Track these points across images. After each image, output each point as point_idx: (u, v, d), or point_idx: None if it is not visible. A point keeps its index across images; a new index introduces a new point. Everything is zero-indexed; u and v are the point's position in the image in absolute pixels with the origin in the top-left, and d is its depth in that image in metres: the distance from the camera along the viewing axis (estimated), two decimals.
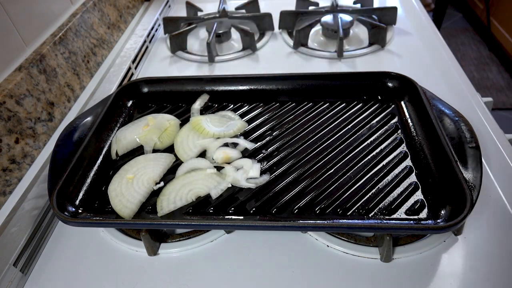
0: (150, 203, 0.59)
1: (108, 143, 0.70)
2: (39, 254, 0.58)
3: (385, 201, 0.56)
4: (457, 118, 0.61)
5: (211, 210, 0.57)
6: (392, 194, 0.56)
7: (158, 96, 0.80)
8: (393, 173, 0.60)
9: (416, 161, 0.61)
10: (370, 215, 0.54)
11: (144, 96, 0.80)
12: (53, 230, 0.62)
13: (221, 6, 1.10)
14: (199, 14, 1.15)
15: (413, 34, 0.98)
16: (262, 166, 0.63)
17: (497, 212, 0.56)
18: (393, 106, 0.72)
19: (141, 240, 0.55)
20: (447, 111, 0.63)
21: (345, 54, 0.91)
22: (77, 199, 0.60)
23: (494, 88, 2.27)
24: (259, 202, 0.58)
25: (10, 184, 0.61)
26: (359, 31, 1.00)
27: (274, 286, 0.51)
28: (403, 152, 0.63)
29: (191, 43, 1.04)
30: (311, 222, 0.54)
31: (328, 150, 0.65)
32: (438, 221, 0.52)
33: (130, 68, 0.92)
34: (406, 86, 0.71)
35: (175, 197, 0.58)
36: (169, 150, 0.68)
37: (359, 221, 0.54)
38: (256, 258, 0.55)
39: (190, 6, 1.13)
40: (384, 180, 0.59)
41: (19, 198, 0.60)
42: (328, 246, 0.55)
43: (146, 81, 0.80)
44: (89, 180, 0.63)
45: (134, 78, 0.93)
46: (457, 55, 2.48)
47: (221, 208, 0.57)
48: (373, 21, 0.95)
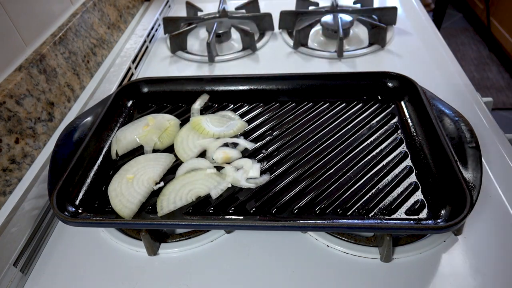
0: (150, 203, 0.59)
1: (108, 143, 0.70)
2: (39, 254, 0.58)
3: (385, 201, 0.56)
4: (457, 118, 0.61)
5: (211, 210, 0.57)
6: (392, 194, 0.57)
7: (158, 96, 0.80)
8: (393, 173, 0.60)
9: (416, 161, 0.61)
10: (370, 215, 0.54)
11: (144, 96, 0.80)
12: (53, 230, 0.62)
13: (221, 6, 1.10)
14: (199, 14, 1.15)
15: (413, 34, 0.98)
16: (262, 166, 0.63)
17: (497, 212, 0.56)
18: (393, 106, 0.72)
19: (141, 240, 0.55)
20: (447, 111, 0.63)
21: (345, 54, 0.91)
22: (77, 199, 0.60)
23: (494, 88, 2.27)
24: (259, 202, 0.58)
25: (10, 184, 0.61)
26: (359, 31, 1.00)
27: (274, 286, 0.51)
28: (403, 152, 0.63)
29: (191, 43, 1.04)
30: (311, 222, 0.54)
31: (328, 150, 0.65)
32: (438, 221, 0.52)
33: (130, 68, 0.92)
34: (406, 86, 0.71)
35: (175, 197, 0.58)
36: (169, 150, 0.68)
37: (359, 221, 0.54)
38: (256, 258, 0.55)
39: (190, 6, 1.13)
40: (384, 180, 0.59)
41: (19, 198, 0.60)
42: (328, 246, 0.55)
43: (146, 81, 0.80)
44: (89, 180, 0.63)
45: (134, 78, 0.93)
46: (457, 55, 2.48)
47: (221, 208, 0.57)
48: (373, 21, 0.95)
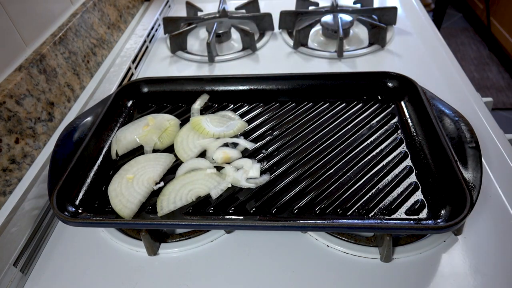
0: (150, 203, 0.59)
1: (108, 143, 0.70)
2: (39, 254, 0.58)
3: (385, 201, 0.56)
4: (457, 118, 0.61)
5: (211, 210, 0.57)
6: (392, 194, 0.57)
7: (158, 96, 0.80)
8: (393, 173, 0.60)
9: (416, 161, 0.61)
10: (370, 215, 0.54)
11: (144, 96, 0.80)
12: (53, 230, 0.62)
13: (221, 6, 1.10)
14: (199, 14, 1.15)
15: (413, 34, 0.98)
16: (262, 166, 0.63)
17: (497, 212, 0.56)
18: (393, 106, 0.72)
19: (141, 240, 0.55)
20: (447, 111, 0.63)
21: (345, 54, 0.91)
22: (77, 199, 0.60)
23: (494, 88, 2.27)
24: (259, 202, 0.58)
25: (10, 184, 0.61)
26: (359, 31, 1.00)
27: (274, 286, 0.51)
28: (403, 152, 0.63)
29: (191, 43, 1.04)
30: (311, 222, 0.54)
31: (328, 150, 0.65)
32: (438, 221, 0.52)
33: (130, 68, 0.92)
34: (406, 86, 0.71)
35: (175, 197, 0.58)
36: (169, 150, 0.68)
37: (359, 221, 0.54)
38: (256, 258, 0.55)
39: (190, 6, 1.13)
40: (384, 180, 0.59)
41: (19, 198, 0.60)
42: (328, 246, 0.55)
43: (146, 81, 0.80)
44: (89, 180, 0.63)
45: (134, 78, 0.93)
46: (457, 55, 2.48)
47: (221, 208, 0.57)
48: (373, 21, 0.95)
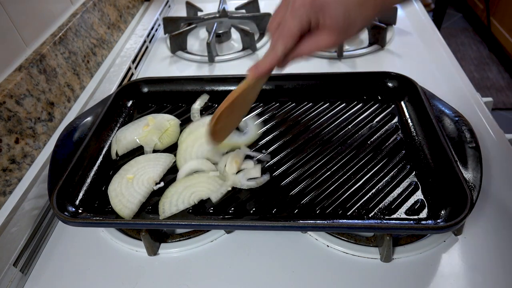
0: (150, 203, 0.59)
1: (108, 143, 0.70)
2: (39, 254, 0.58)
3: (385, 201, 0.56)
4: (457, 118, 0.61)
5: (211, 210, 0.57)
6: (392, 194, 0.57)
7: (158, 96, 0.80)
8: (393, 173, 0.60)
9: (416, 161, 0.61)
10: (370, 215, 0.54)
11: (144, 96, 0.80)
12: (53, 230, 0.62)
13: (221, 6, 1.10)
14: (199, 14, 1.15)
15: (413, 34, 0.98)
16: (262, 166, 0.63)
17: (497, 212, 0.56)
18: (393, 106, 0.72)
19: (141, 240, 0.55)
20: (447, 111, 0.63)
21: (345, 54, 0.91)
22: (77, 199, 0.60)
23: (494, 88, 2.27)
24: (259, 202, 0.57)
25: (10, 184, 0.61)
26: None
27: (274, 286, 0.51)
28: (403, 152, 0.63)
29: (191, 43, 1.04)
30: (311, 222, 0.54)
31: (328, 150, 0.65)
32: (438, 221, 0.52)
33: (130, 68, 0.92)
34: (406, 86, 0.71)
35: (177, 199, 0.58)
36: (168, 150, 0.68)
37: (359, 221, 0.54)
38: (256, 258, 0.55)
39: (190, 6, 1.13)
40: (384, 180, 0.59)
41: (19, 198, 0.60)
42: (328, 246, 0.55)
43: (146, 81, 0.80)
44: (89, 180, 0.63)
45: (134, 78, 0.93)
46: (457, 55, 2.47)
47: (221, 208, 0.57)
48: (373, 21, 0.95)
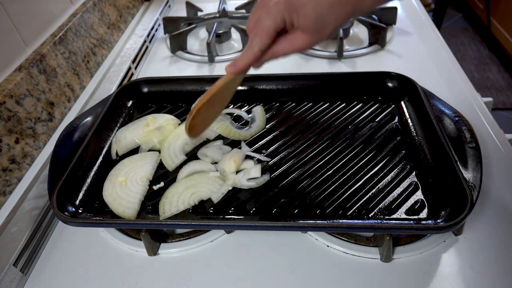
0: (150, 203, 0.59)
1: (108, 143, 0.70)
2: (39, 254, 0.58)
3: (385, 201, 0.56)
4: (457, 118, 0.61)
5: (211, 210, 0.57)
6: (392, 194, 0.57)
7: (158, 96, 0.80)
8: (393, 173, 0.60)
9: (416, 161, 0.61)
10: (370, 215, 0.54)
11: (144, 96, 0.80)
12: (53, 230, 0.62)
13: (221, 6, 1.10)
14: (199, 14, 1.15)
15: (413, 34, 0.98)
16: (262, 166, 0.63)
17: (497, 212, 0.56)
18: (393, 106, 0.72)
19: (141, 240, 0.55)
20: (447, 111, 0.63)
21: (345, 54, 0.91)
22: (77, 199, 0.60)
23: (494, 88, 2.27)
24: (259, 202, 0.58)
25: (10, 184, 0.61)
26: (359, 31, 1.00)
27: (274, 286, 0.51)
28: (403, 152, 0.63)
29: (191, 43, 1.03)
30: (311, 222, 0.54)
31: (328, 150, 0.65)
32: (438, 221, 0.52)
33: (130, 68, 0.92)
34: (406, 86, 0.71)
35: (178, 200, 0.58)
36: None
37: (359, 221, 0.54)
38: (256, 258, 0.55)
39: (190, 6, 1.13)
40: (384, 180, 0.59)
41: (19, 198, 0.60)
42: (328, 246, 0.55)
43: (146, 81, 0.80)
44: (89, 180, 0.63)
45: (134, 78, 0.93)
46: (457, 55, 2.48)
47: (221, 208, 0.57)
48: (373, 21, 0.95)
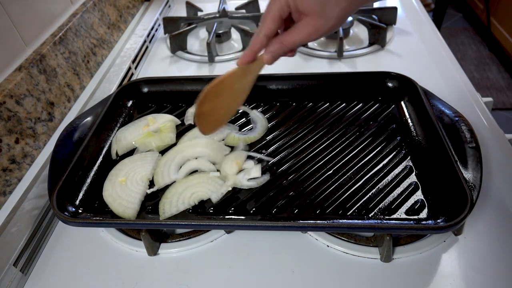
0: (150, 203, 0.59)
1: (108, 143, 0.70)
2: (39, 254, 0.58)
3: (385, 201, 0.56)
4: (457, 118, 0.61)
5: (211, 210, 0.57)
6: (392, 194, 0.57)
7: (158, 96, 0.80)
8: (393, 173, 0.60)
9: (416, 161, 0.61)
10: (370, 215, 0.54)
11: (144, 96, 0.80)
12: (53, 230, 0.62)
13: (221, 6, 1.10)
14: (199, 14, 1.15)
15: (413, 34, 0.98)
16: (262, 166, 0.63)
17: (497, 212, 0.56)
18: (393, 106, 0.72)
19: (141, 240, 0.55)
20: (447, 111, 0.63)
21: (345, 54, 0.91)
22: (77, 199, 0.60)
23: (494, 88, 2.27)
24: (259, 202, 0.58)
25: (10, 184, 0.61)
26: (359, 31, 1.00)
27: (274, 286, 0.51)
28: (403, 152, 0.63)
29: (191, 43, 1.04)
30: (311, 222, 0.54)
31: (328, 150, 0.65)
32: (438, 221, 0.52)
33: (130, 68, 0.92)
34: (406, 86, 0.71)
35: (178, 200, 0.58)
36: (166, 150, 0.68)
37: (359, 221, 0.54)
38: (256, 258, 0.55)
39: (190, 6, 1.13)
40: (384, 180, 0.59)
41: (19, 198, 0.60)
42: (328, 246, 0.55)
43: (146, 81, 0.80)
44: (89, 180, 0.63)
45: (134, 78, 0.93)
46: (457, 55, 2.47)
47: (221, 208, 0.57)
48: (373, 21, 0.95)
